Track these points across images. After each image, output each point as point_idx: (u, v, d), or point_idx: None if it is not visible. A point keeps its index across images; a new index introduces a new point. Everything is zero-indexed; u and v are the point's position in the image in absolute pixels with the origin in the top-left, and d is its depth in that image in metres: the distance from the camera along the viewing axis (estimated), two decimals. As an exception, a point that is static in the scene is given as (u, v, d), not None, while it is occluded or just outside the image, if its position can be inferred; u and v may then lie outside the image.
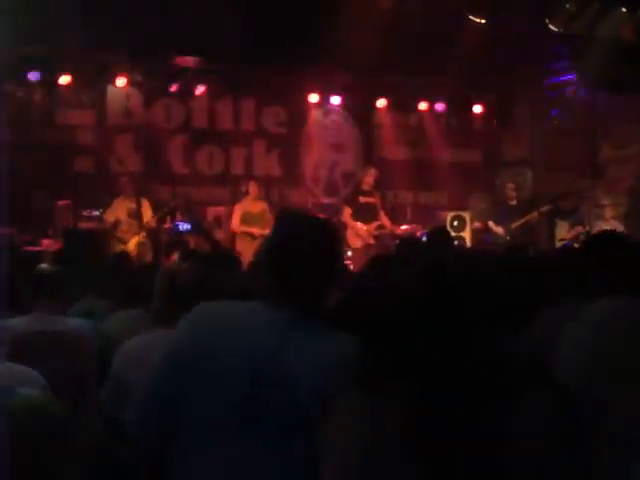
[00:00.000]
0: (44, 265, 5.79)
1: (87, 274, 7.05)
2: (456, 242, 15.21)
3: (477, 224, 16.19)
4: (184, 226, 14.10)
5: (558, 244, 15.20)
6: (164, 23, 12.70)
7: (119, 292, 6.22)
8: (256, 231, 14.03)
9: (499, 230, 15.43)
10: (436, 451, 2.24)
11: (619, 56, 13.93)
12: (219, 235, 14.72)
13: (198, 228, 14.28)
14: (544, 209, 15.54)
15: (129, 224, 13.60)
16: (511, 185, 15.98)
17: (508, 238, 15.06)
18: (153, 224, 13.82)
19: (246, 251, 13.06)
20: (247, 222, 14.28)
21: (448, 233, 9.57)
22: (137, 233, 13.57)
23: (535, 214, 15.36)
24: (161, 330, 4.40)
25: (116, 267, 7.33)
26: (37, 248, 12.64)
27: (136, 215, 13.69)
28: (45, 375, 3.99)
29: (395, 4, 13.54)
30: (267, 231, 14.28)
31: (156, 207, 14.14)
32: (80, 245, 12.15)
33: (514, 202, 15.74)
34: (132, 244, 13.44)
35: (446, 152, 17.85)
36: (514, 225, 15.27)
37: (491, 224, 15.70)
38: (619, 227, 15.20)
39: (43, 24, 12.35)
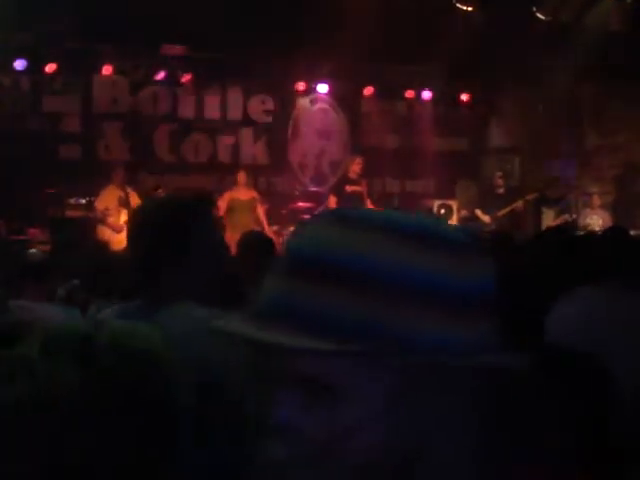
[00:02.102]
0: (32, 251, 5.70)
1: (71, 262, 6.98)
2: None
3: (464, 212, 16.17)
4: None
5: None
6: (150, 11, 12.66)
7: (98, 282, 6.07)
8: (243, 219, 13.94)
9: (486, 218, 15.40)
10: None
11: (606, 44, 13.94)
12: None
13: None
14: (529, 197, 15.54)
15: (119, 212, 13.54)
16: (499, 173, 15.95)
17: (494, 227, 15.04)
18: None
19: (231, 239, 12.98)
20: (234, 210, 14.21)
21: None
22: (127, 222, 13.51)
23: (520, 203, 15.34)
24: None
25: (94, 257, 7.22)
26: (23, 237, 12.60)
27: (125, 204, 13.63)
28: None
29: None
30: (254, 220, 14.27)
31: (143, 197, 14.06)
32: (67, 233, 12.14)
33: (502, 190, 15.70)
34: (124, 235, 13.36)
35: (433, 140, 17.84)
36: (500, 213, 15.24)
37: (478, 212, 15.67)
38: (606, 216, 15.24)
39: (29, 12, 12.30)
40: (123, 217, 13.50)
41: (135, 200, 13.81)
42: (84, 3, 12.41)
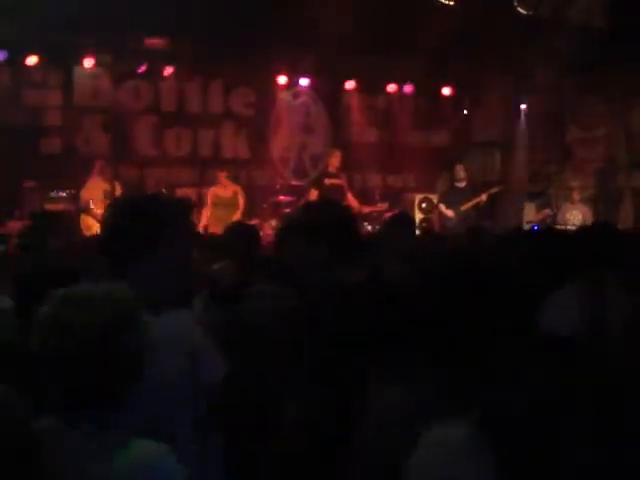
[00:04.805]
0: None
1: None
2: (424, 224, 15.24)
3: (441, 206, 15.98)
4: None
5: (526, 226, 15.25)
6: (132, 4, 12.61)
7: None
8: (225, 214, 14.03)
9: (449, 213, 15.25)
10: None
11: (587, 39, 13.99)
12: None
13: None
14: (492, 191, 15.39)
15: (105, 204, 13.51)
16: (461, 166, 15.70)
17: (454, 223, 14.89)
18: None
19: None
20: (217, 205, 14.34)
21: (411, 218, 9.39)
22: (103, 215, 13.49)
23: (483, 197, 15.20)
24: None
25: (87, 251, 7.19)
26: (3, 230, 12.54)
27: (111, 197, 13.61)
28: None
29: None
30: (237, 214, 14.35)
31: (129, 192, 14.02)
32: (47, 227, 12.08)
33: (463, 184, 15.55)
34: None
35: (415, 134, 17.88)
36: (463, 208, 15.13)
37: (442, 207, 15.52)
38: (586, 211, 15.28)
39: (10, 3, 12.24)
40: (109, 210, 13.47)
41: (120, 194, 13.80)
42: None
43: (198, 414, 2.86)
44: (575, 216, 15.05)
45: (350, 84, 17.21)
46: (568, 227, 14.07)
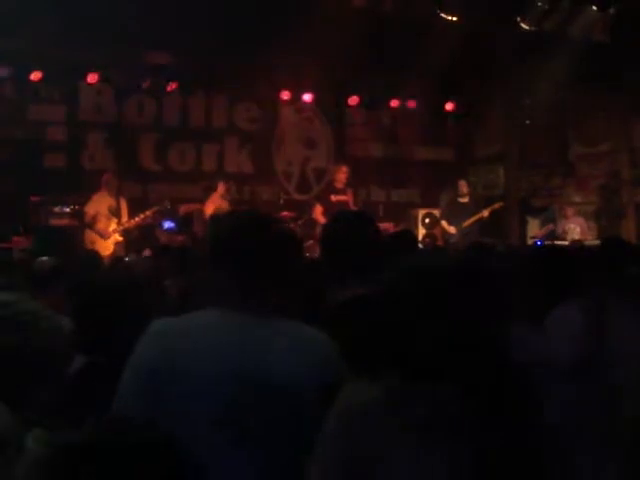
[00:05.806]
0: (42, 259, 5.61)
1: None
2: (427, 239, 15.21)
3: (444, 222, 15.89)
4: (168, 224, 14.11)
5: (529, 241, 15.26)
6: (136, 20, 12.65)
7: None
8: None
9: (451, 229, 15.20)
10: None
11: (590, 54, 14.02)
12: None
13: (183, 226, 14.30)
14: (495, 207, 15.27)
15: (109, 220, 13.49)
16: (463, 182, 15.67)
17: (456, 239, 14.82)
18: (130, 225, 13.66)
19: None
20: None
21: (413, 235, 9.35)
22: (115, 231, 13.47)
23: (485, 213, 15.11)
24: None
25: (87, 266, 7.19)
26: (7, 245, 12.53)
27: (116, 213, 13.58)
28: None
29: (367, 2, 13.59)
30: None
31: (133, 207, 14.02)
32: (51, 242, 12.09)
33: (466, 200, 15.48)
34: (111, 241, 13.35)
35: (418, 149, 17.88)
36: (465, 224, 15.10)
37: (444, 223, 15.48)
38: (582, 222, 15.26)
39: (14, 19, 12.27)
40: (112, 225, 13.46)
41: (125, 212, 13.79)
42: (69, 11, 12.39)
43: None
44: (573, 229, 15.03)
45: (353, 100, 17.21)
46: (567, 240, 14.08)
